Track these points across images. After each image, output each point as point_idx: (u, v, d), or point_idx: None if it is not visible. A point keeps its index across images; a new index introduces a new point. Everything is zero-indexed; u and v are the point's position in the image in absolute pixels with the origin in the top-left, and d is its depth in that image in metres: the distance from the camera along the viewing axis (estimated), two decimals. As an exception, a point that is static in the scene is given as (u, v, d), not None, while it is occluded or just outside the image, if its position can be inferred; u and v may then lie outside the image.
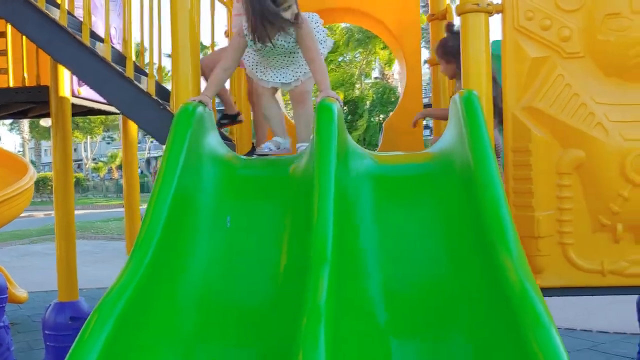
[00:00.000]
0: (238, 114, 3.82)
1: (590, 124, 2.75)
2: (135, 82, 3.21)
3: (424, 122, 4.75)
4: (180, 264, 2.03)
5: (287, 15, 2.77)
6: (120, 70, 3.22)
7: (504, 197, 2.01)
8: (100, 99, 4.82)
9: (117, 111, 4.48)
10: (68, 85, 4.62)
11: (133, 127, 5.52)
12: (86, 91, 4.97)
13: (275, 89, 3.20)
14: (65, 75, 4.52)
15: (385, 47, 20.22)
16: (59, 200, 4.47)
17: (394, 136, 4.42)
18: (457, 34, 3.86)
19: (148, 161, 45.82)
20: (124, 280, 1.69)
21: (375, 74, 26.05)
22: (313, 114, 2.86)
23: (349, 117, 22.49)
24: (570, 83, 2.77)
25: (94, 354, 1.52)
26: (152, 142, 40.63)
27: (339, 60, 23.69)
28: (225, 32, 4.52)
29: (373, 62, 24.33)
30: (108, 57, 3.21)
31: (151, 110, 3.15)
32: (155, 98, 3.17)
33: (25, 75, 4.78)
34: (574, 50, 2.79)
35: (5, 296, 4.35)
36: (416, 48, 4.59)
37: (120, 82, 3.19)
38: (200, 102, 2.66)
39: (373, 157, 2.67)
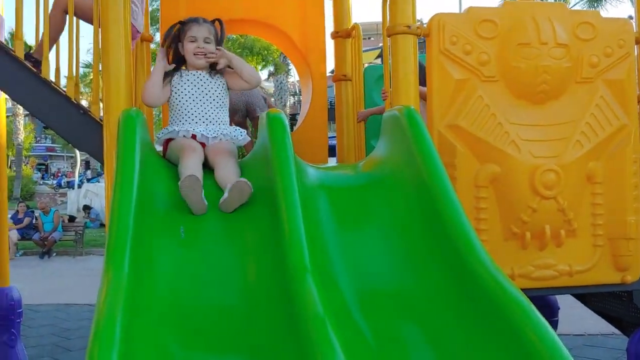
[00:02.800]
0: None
1: (505, 141, 3.03)
2: (54, 85, 2.99)
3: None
4: (150, 275, 1.94)
5: None
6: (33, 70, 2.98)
7: (461, 207, 2.16)
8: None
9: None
10: None
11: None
12: None
13: None
14: None
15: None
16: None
17: (300, 149, 4.50)
18: None
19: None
20: (111, 297, 1.60)
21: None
22: None
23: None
24: (488, 104, 3.03)
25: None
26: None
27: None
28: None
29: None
30: (21, 54, 2.97)
31: (71, 115, 2.95)
32: (75, 101, 2.98)
33: None
34: (490, 74, 3.06)
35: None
36: (322, 62, 4.72)
37: (34, 83, 2.96)
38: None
39: (316, 168, 2.73)
